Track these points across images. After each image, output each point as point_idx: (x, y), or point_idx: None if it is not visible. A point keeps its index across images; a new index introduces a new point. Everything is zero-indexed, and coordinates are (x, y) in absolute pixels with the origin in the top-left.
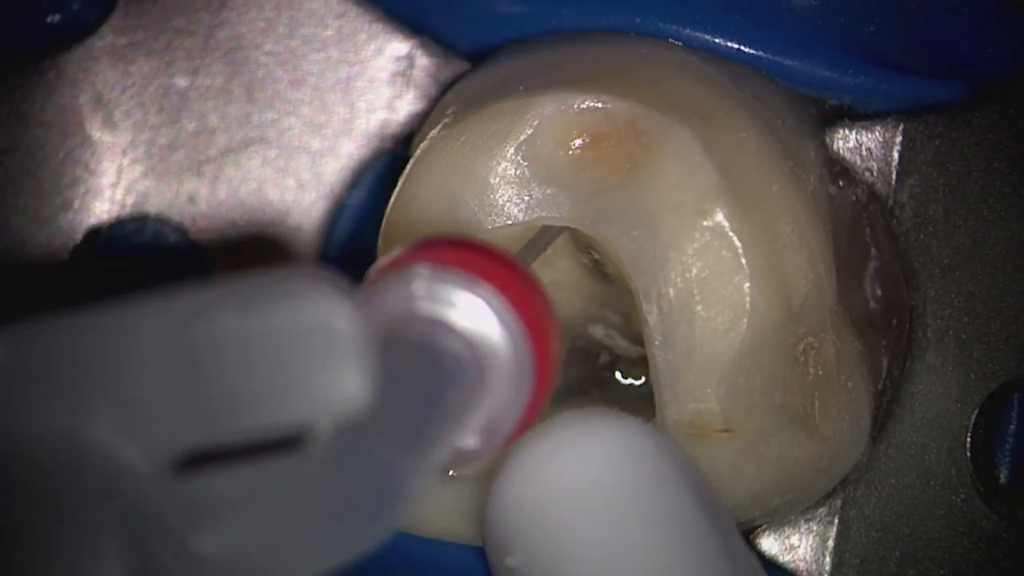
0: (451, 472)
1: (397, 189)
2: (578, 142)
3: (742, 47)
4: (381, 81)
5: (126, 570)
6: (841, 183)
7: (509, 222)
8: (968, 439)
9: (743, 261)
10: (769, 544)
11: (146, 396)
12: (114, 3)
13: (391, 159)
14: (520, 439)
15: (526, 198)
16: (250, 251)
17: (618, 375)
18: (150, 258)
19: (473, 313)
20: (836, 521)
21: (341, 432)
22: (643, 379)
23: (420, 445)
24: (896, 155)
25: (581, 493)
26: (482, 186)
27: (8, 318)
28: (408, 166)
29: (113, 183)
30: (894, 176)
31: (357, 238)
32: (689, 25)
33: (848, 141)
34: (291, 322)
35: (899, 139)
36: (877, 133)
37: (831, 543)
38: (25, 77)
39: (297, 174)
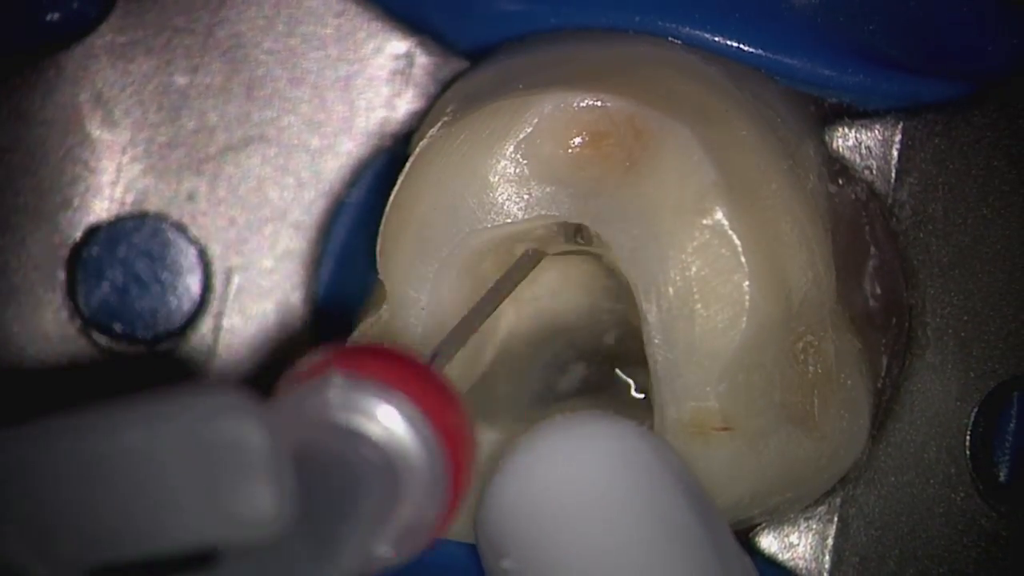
0: None
1: (396, 187)
2: (577, 140)
3: (742, 46)
4: (380, 79)
5: None
6: (840, 181)
7: (508, 220)
8: (967, 437)
9: (742, 259)
10: (768, 542)
11: (54, 514)
12: (113, 1)
13: (390, 157)
14: (515, 441)
15: (525, 196)
16: (250, 250)
17: (618, 372)
18: (149, 257)
19: (387, 422)
20: (836, 519)
21: (254, 550)
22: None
23: (334, 557)
24: (895, 153)
25: (575, 495)
26: (481, 184)
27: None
28: (407, 164)
29: (113, 181)
30: (893, 174)
31: (357, 236)
32: (689, 24)
33: (847, 139)
34: (201, 438)
35: (898, 137)
36: (876, 131)
37: (830, 541)
38: (24, 75)
39: (296, 172)
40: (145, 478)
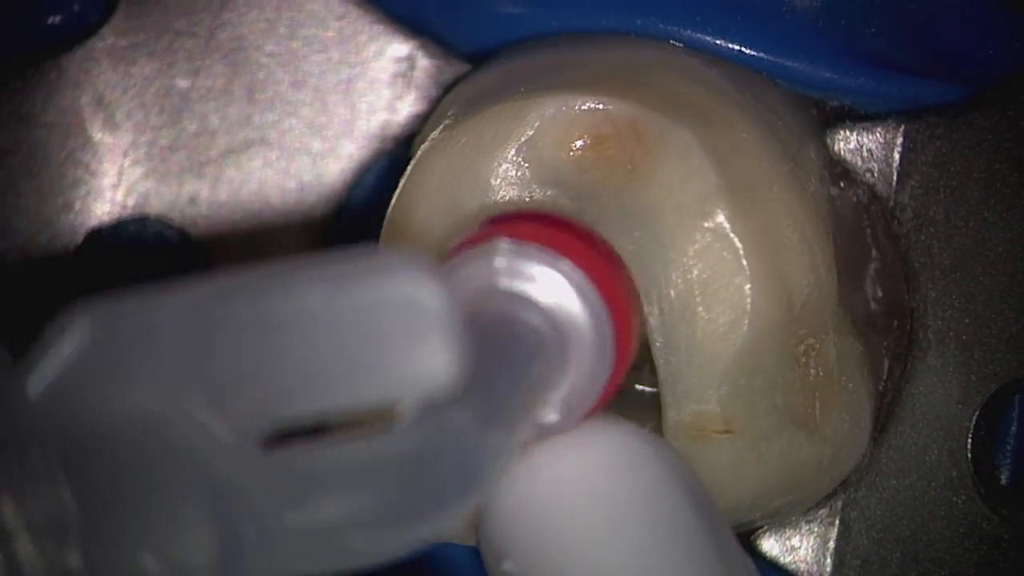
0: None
1: (398, 190)
2: (579, 143)
3: (743, 48)
4: (382, 82)
5: (214, 543)
6: (842, 184)
7: None
8: (969, 440)
9: (744, 262)
10: (770, 545)
11: (234, 372)
12: (115, 4)
13: (392, 160)
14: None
15: (527, 199)
16: (251, 253)
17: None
18: (151, 260)
19: (554, 288)
20: (837, 522)
21: (428, 409)
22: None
23: (505, 421)
24: (897, 156)
25: (578, 498)
26: (483, 187)
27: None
28: (409, 167)
29: (114, 184)
30: (895, 177)
31: (358, 239)
32: (690, 26)
33: (849, 142)
34: (378, 299)
35: (900, 140)
36: (878, 134)
37: (832, 544)
38: (26, 78)
39: (298, 175)
40: (323, 337)
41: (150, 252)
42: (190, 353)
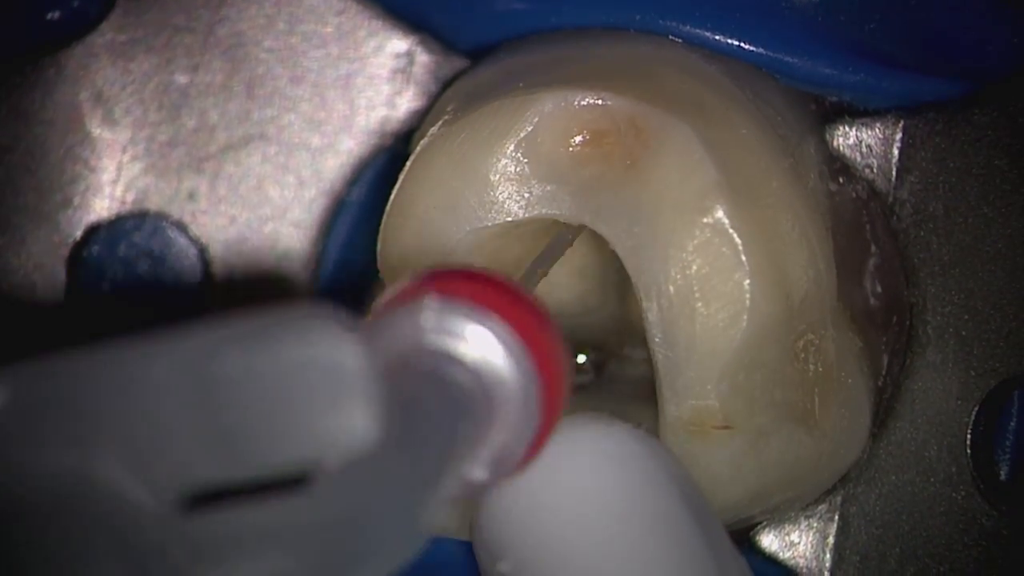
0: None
1: (397, 186)
2: (578, 139)
3: (742, 44)
4: (381, 78)
5: None
6: (841, 180)
7: (509, 219)
8: (968, 436)
9: (743, 258)
10: (769, 541)
11: (153, 435)
12: (114, 0)
13: (391, 156)
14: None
15: (526, 195)
16: (250, 248)
17: (617, 363)
18: (150, 255)
19: (481, 345)
20: (836, 518)
21: (350, 469)
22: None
23: (430, 479)
24: (896, 152)
25: (572, 499)
26: (482, 183)
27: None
28: (408, 163)
29: (113, 180)
30: (894, 173)
31: (357, 235)
32: (689, 22)
33: (848, 138)
34: (297, 360)
35: (899, 136)
36: (877, 130)
37: (831, 540)
38: (25, 74)
39: (297, 171)
40: (242, 399)
41: (148, 248)
42: (107, 415)
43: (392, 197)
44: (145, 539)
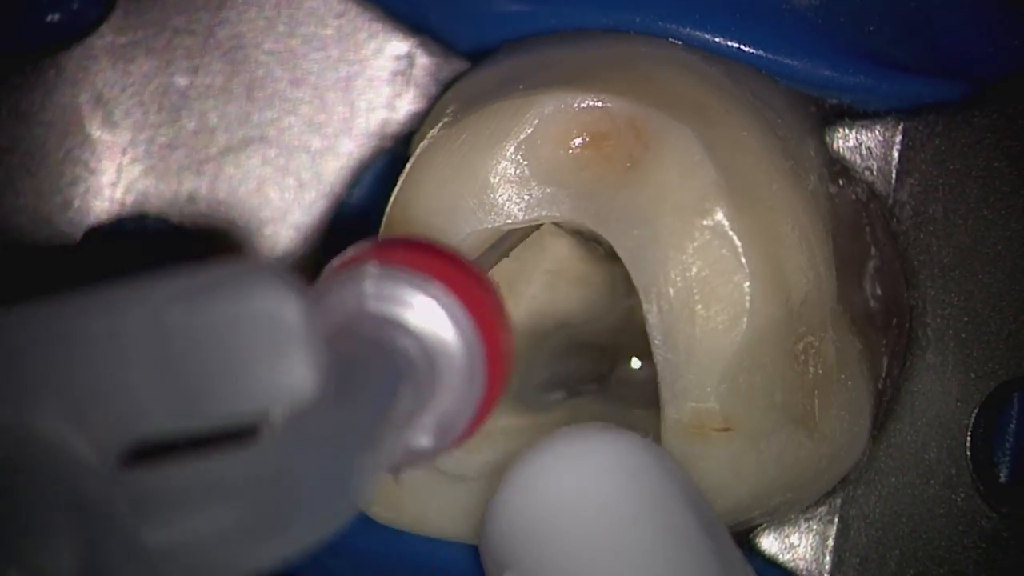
0: (403, 471)
1: (397, 188)
2: (578, 141)
3: (742, 46)
4: (381, 80)
5: (75, 562)
6: (841, 182)
7: (509, 221)
8: (968, 438)
9: (743, 260)
10: (769, 543)
11: (93, 387)
12: (114, 2)
13: (391, 158)
14: (520, 453)
15: (526, 197)
16: (249, 250)
17: (623, 368)
18: (149, 257)
19: (425, 312)
20: (836, 520)
21: (292, 427)
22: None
23: (372, 442)
24: (896, 154)
25: (579, 507)
26: (482, 185)
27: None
28: (408, 165)
29: (113, 182)
30: (894, 175)
31: (357, 237)
32: (689, 24)
33: (848, 140)
34: (239, 312)
35: (899, 138)
36: (877, 132)
37: (831, 542)
38: (25, 76)
39: (297, 173)
40: (182, 351)
41: (148, 250)
42: (48, 369)
43: (392, 199)
44: (88, 493)
